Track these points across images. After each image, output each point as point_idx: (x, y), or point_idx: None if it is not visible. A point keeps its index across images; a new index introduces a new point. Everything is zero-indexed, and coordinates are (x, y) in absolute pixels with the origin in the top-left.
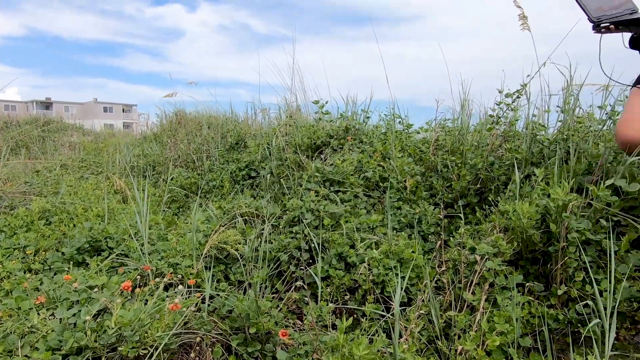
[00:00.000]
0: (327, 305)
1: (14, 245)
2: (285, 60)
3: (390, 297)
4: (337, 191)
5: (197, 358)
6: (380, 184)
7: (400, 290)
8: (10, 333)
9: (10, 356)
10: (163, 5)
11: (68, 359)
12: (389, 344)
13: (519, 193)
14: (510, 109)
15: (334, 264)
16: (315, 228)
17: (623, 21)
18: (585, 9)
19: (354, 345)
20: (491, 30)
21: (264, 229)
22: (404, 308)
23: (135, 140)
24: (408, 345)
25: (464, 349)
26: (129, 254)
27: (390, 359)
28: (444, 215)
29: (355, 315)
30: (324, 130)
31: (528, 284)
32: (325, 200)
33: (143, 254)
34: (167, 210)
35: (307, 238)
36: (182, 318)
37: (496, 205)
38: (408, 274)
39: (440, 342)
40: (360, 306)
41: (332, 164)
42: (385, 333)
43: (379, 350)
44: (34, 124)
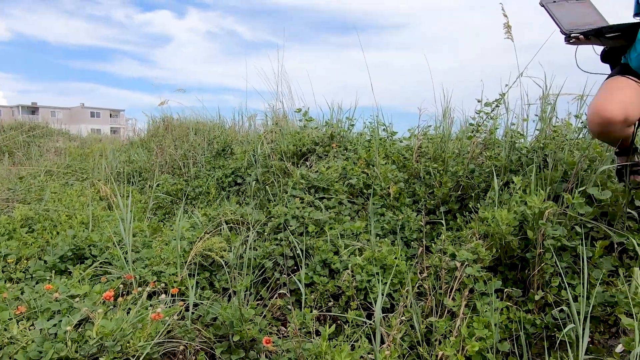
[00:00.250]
0: (311, 312)
1: None
2: (272, 67)
3: (374, 303)
4: (322, 198)
5: None
6: (365, 191)
7: (381, 297)
8: None
9: None
10: (151, 11)
11: None
12: (371, 350)
13: (498, 200)
14: (489, 117)
15: (318, 271)
16: (300, 235)
17: (591, 31)
18: (558, 22)
19: (336, 353)
20: (473, 39)
21: (249, 236)
22: (387, 314)
23: (122, 146)
24: (390, 352)
25: (445, 355)
26: (112, 262)
27: None
28: (426, 221)
29: (338, 322)
30: (309, 138)
31: (507, 290)
32: (310, 207)
33: (127, 262)
34: (153, 217)
35: (292, 245)
36: (165, 327)
37: (476, 212)
38: (390, 280)
39: (421, 348)
40: (344, 312)
41: (317, 171)
42: (368, 339)
43: (361, 356)
44: (19, 130)
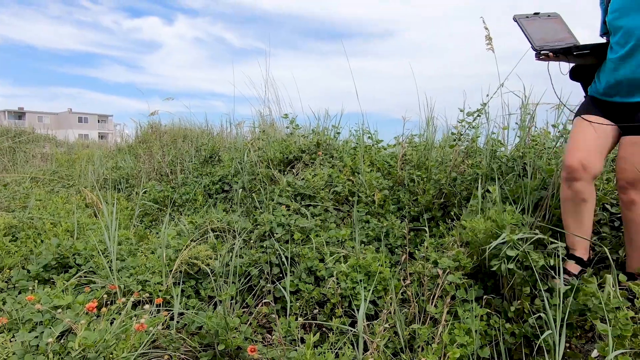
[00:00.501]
0: (296, 319)
1: None
2: (260, 74)
3: (358, 310)
4: (308, 205)
5: None
6: (350, 198)
7: (364, 305)
8: None
9: None
10: (140, 17)
11: None
12: (354, 357)
13: (480, 208)
14: (471, 127)
15: (304, 278)
16: (286, 242)
17: (560, 49)
18: (529, 38)
19: None
20: (458, 47)
21: (235, 244)
22: (371, 322)
23: (110, 152)
24: (374, 358)
25: None
26: (97, 271)
27: None
28: (410, 228)
29: (324, 329)
30: (296, 145)
31: (486, 297)
32: (296, 214)
33: (111, 271)
34: (140, 224)
35: (278, 252)
36: (150, 337)
37: (458, 219)
38: (374, 287)
39: (404, 355)
40: (330, 319)
41: (304, 179)
42: (353, 346)
43: None
44: (5, 136)
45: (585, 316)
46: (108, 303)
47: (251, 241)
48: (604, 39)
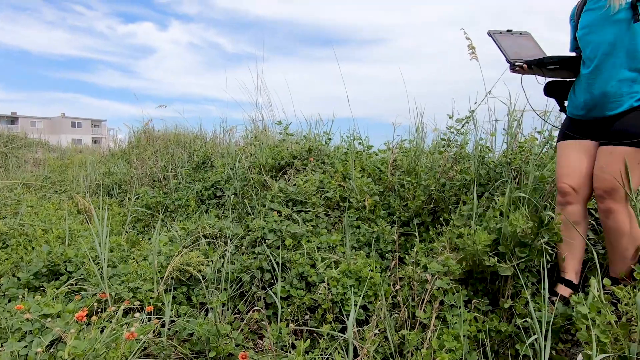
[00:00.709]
0: (287, 325)
1: None
2: (253, 79)
3: (349, 315)
4: (300, 211)
5: None
6: (341, 204)
7: (354, 311)
8: None
9: None
10: (134, 23)
11: None
12: None
13: (475, 214)
14: (459, 133)
15: (295, 284)
16: (278, 248)
17: (533, 60)
18: (504, 51)
19: None
20: (448, 54)
21: (226, 250)
22: (362, 327)
23: (103, 158)
24: None
25: None
26: (88, 278)
27: None
28: (400, 233)
29: (314, 335)
30: (287, 151)
31: (474, 301)
32: (287, 220)
33: (102, 278)
34: (131, 231)
35: (269, 258)
36: (140, 345)
37: (448, 224)
38: (364, 292)
39: None
40: (321, 325)
41: (295, 185)
42: (345, 351)
43: None
44: None
45: (571, 320)
46: (99, 311)
47: (243, 247)
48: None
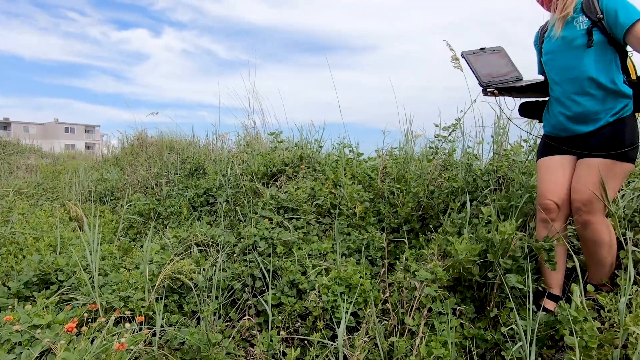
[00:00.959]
0: (278, 333)
1: None
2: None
3: (340, 323)
4: (291, 218)
5: None
6: (332, 211)
7: (345, 319)
8: None
9: None
10: (128, 29)
11: None
12: None
13: (467, 222)
14: (447, 141)
15: (287, 291)
16: (269, 256)
17: (506, 87)
18: (476, 74)
19: None
20: (438, 61)
21: (218, 258)
22: (352, 335)
23: (95, 164)
24: None
25: None
26: (79, 287)
27: None
28: (390, 240)
29: (305, 342)
30: (279, 159)
31: (459, 308)
32: (279, 227)
33: (93, 287)
34: (124, 238)
35: (260, 266)
36: (131, 355)
37: (436, 231)
38: (355, 299)
39: None
40: (312, 332)
41: (287, 192)
42: (335, 359)
43: None
44: None
45: (556, 327)
46: (89, 321)
47: (235, 255)
48: (542, 77)
